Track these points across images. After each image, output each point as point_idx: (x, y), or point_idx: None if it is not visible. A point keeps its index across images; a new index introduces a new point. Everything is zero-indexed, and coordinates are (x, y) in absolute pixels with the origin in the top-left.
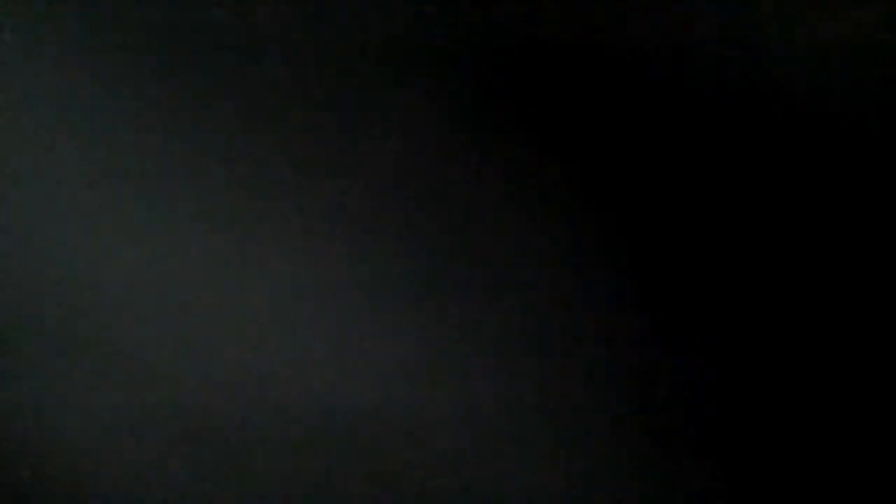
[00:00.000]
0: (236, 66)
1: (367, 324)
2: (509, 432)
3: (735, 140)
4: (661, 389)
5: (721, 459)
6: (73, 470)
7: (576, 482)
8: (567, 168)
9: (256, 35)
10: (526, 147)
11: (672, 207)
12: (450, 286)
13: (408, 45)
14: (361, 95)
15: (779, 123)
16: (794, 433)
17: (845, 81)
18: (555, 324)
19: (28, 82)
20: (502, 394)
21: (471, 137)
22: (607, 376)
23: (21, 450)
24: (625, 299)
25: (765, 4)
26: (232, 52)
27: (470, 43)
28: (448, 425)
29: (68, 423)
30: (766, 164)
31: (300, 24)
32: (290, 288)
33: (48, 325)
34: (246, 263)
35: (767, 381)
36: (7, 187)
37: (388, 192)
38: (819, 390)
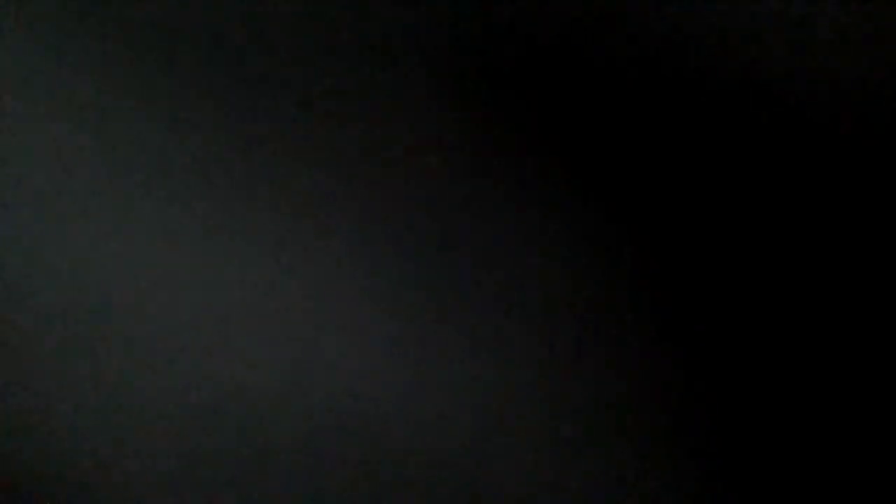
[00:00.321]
0: (236, 65)
1: (367, 324)
2: (511, 432)
3: (735, 140)
4: (662, 389)
5: (720, 459)
6: (73, 470)
7: (576, 482)
8: (568, 168)
9: (256, 35)
10: (526, 147)
11: (672, 207)
12: (450, 286)
13: (407, 45)
14: (361, 95)
15: (778, 123)
16: (794, 433)
17: (845, 81)
18: (556, 324)
19: (28, 82)
20: (504, 394)
21: (471, 137)
22: (610, 377)
23: (21, 450)
24: (626, 299)
25: (765, 4)
26: (231, 52)
27: (470, 43)
28: (448, 425)
29: (68, 424)
30: (766, 165)
31: (300, 23)
32: (291, 288)
33: (49, 326)
34: (246, 264)
35: (768, 381)
36: (7, 187)
37: (387, 192)
38: (819, 391)
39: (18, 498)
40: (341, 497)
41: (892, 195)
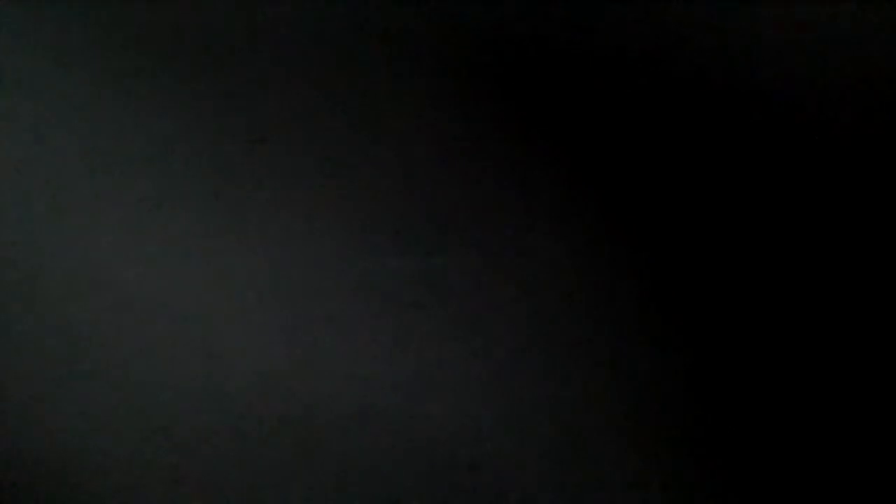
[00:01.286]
0: (236, 65)
1: (367, 325)
2: (511, 431)
3: (734, 141)
4: (663, 390)
5: (721, 459)
6: (73, 470)
7: (577, 481)
8: (568, 167)
9: (256, 34)
10: (526, 147)
11: (671, 207)
12: (450, 285)
13: (407, 45)
14: (361, 95)
15: (778, 123)
16: (794, 434)
17: (843, 81)
18: (557, 325)
19: (28, 82)
20: (505, 395)
21: (470, 137)
22: (612, 379)
23: (21, 450)
24: (626, 299)
25: (764, 4)
26: (231, 52)
27: (470, 43)
28: (449, 426)
29: (69, 423)
30: (765, 165)
31: (300, 22)
32: (291, 288)
33: (48, 325)
34: (246, 263)
35: (770, 381)
36: (6, 187)
37: (388, 191)
38: (820, 391)
39: (18, 498)
40: (341, 495)
41: (891, 196)
